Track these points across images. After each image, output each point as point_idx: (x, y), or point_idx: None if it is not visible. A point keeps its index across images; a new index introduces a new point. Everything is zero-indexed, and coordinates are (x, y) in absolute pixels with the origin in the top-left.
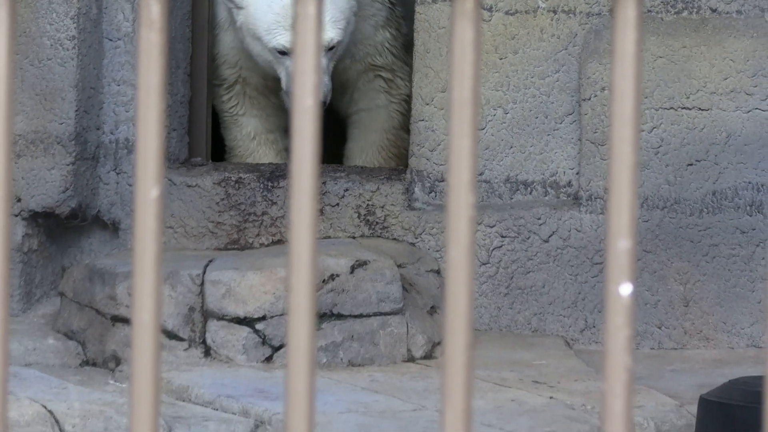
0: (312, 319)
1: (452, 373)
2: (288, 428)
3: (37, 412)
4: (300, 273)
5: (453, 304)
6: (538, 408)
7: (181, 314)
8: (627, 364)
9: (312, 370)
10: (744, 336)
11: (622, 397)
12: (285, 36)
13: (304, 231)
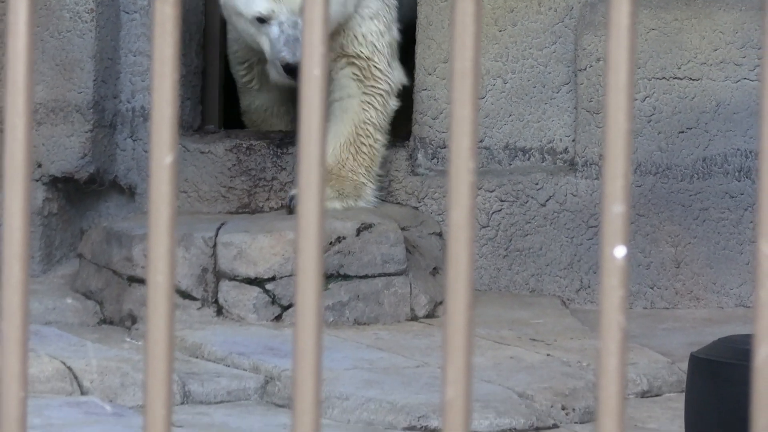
0: (319, 280)
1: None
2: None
3: (56, 369)
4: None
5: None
6: (535, 364)
7: (194, 275)
8: (621, 323)
9: (319, 329)
10: (733, 296)
11: (617, 354)
12: (262, 3)
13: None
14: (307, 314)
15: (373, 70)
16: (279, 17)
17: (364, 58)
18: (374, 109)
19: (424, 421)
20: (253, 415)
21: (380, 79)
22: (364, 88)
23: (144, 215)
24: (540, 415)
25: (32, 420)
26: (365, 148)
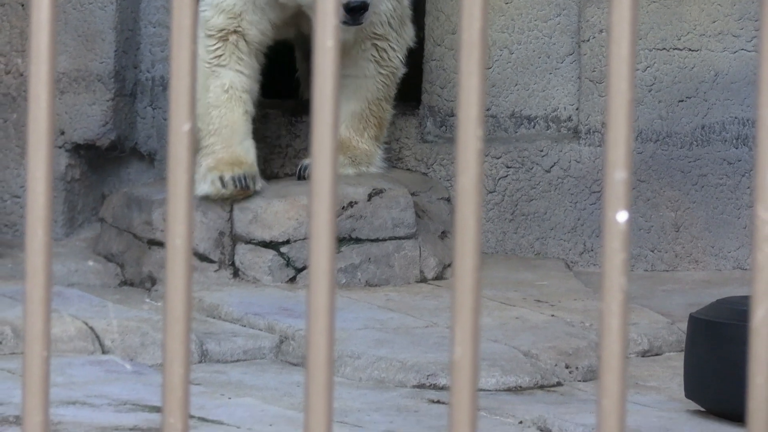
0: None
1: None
2: (310, 343)
3: (78, 329)
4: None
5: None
6: (540, 325)
7: (211, 238)
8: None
9: (332, 290)
10: (730, 259)
11: (618, 315)
12: None
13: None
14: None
15: (389, 51)
16: None
17: (383, 38)
18: (386, 86)
19: (433, 379)
20: (268, 373)
21: (393, 58)
22: (380, 68)
23: (163, 181)
24: (544, 374)
25: (55, 378)
26: (375, 120)
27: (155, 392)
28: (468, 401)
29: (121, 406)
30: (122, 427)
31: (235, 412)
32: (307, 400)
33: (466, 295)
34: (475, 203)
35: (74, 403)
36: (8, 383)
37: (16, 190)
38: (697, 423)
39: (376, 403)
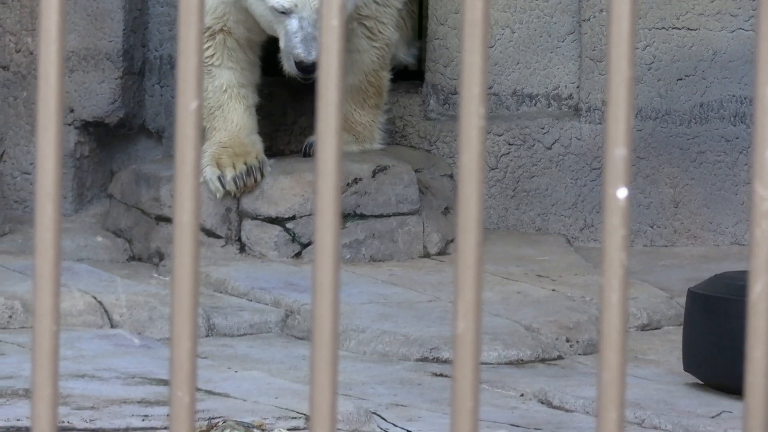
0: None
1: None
2: (315, 317)
3: (87, 303)
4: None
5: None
6: (541, 299)
7: (218, 214)
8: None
9: (337, 265)
10: (728, 234)
11: (618, 290)
12: None
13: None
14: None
15: (380, 26)
16: (301, 12)
17: (372, 17)
18: (381, 58)
19: (435, 353)
20: (274, 346)
21: (385, 31)
22: (373, 43)
23: (171, 158)
24: (545, 347)
25: (64, 352)
26: (373, 90)
27: (163, 366)
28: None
29: (130, 380)
30: (130, 399)
31: (241, 385)
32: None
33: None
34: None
35: (83, 376)
36: (18, 357)
37: (26, 167)
38: (696, 395)
39: (380, 376)
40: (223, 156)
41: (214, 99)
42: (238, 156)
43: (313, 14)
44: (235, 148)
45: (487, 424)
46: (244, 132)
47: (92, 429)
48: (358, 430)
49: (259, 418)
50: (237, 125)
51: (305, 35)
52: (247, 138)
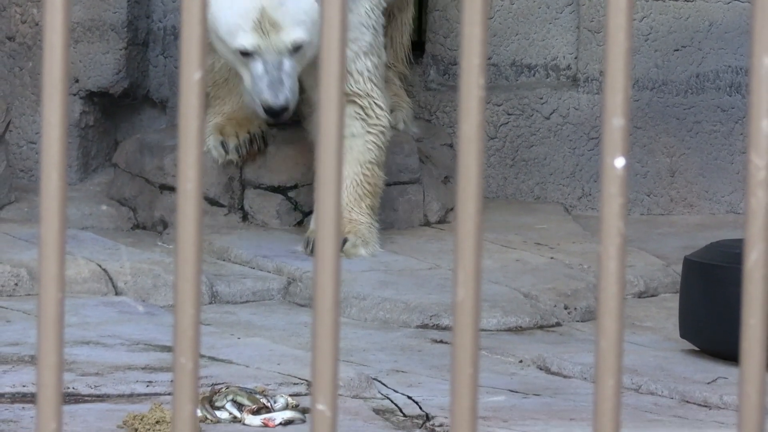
0: (338, 188)
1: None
2: (317, 285)
3: (92, 271)
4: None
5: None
6: (540, 267)
7: (221, 183)
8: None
9: (338, 233)
10: (724, 203)
11: (616, 257)
12: (247, 37)
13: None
14: (327, 220)
15: (374, 108)
16: (264, 55)
17: (365, 95)
18: (377, 148)
19: (435, 320)
20: (276, 313)
21: (381, 116)
22: (368, 127)
23: (174, 127)
24: (544, 314)
25: (69, 318)
26: (369, 188)
27: (167, 332)
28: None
29: (134, 346)
30: (134, 366)
31: (244, 351)
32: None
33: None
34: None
35: (88, 342)
36: (24, 324)
37: (32, 137)
38: (692, 362)
39: (381, 342)
40: (227, 126)
41: (220, 73)
42: (241, 125)
43: (277, 56)
44: (238, 118)
45: (486, 389)
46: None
47: (97, 395)
48: (359, 395)
49: (262, 384)
50: (241, 96)
51: (271, 80)
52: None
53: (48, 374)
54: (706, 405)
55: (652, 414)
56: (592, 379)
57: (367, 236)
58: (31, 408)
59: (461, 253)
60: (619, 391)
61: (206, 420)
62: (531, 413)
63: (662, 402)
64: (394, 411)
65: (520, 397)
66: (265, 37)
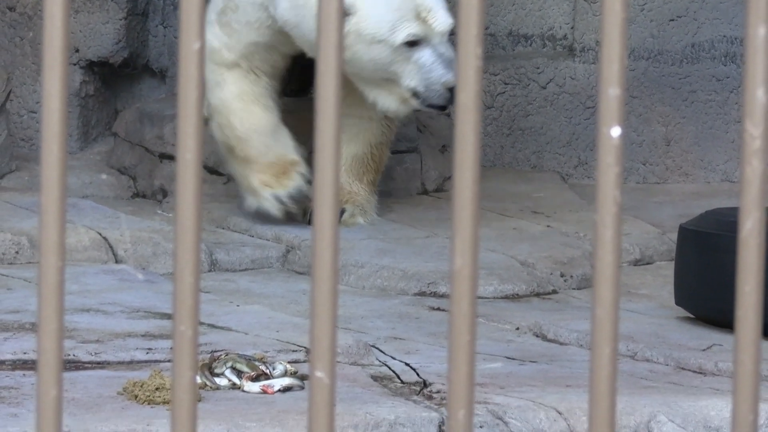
0: (337, 158)
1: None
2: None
3: (92, 239)
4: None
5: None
6: (536, 235)
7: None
8: (616, 198)
9: (336, 202)
10: (719, 172)
11: (612, 226)
12: (413, 26)
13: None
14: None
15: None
16: (432, 39)
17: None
18: (389, 130)
19: (433, 287)
20: (275, 281)
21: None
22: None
23: (174, 96)
24: (540, 282)
25: (70, 286)
26: (374, 165)
27: (166, 300)
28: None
29: (134, 314)
30: (134, 333)
31: (243, 318)
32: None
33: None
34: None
35: (88, 310)
36: (25, 291)
37: (33, 106)
38: (687, 329)
39: (379, 310)
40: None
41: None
42: (280, 174)
43: (443, 37)
44: (275, 164)
45: (483, 356)
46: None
47: (97, 362)
48: (357, 362)
49: (261, 351)
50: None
51: (445, 60)
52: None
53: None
54: (701, 372)
55: (648, 381)
56: (588, 346)
57: (365, 206)
58: (32, 375)
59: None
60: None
61: (205, 387)
62: (527, 380)
63: (657, 369)
64: (392, 378)
65: (516, 364)
66: (426, 24)
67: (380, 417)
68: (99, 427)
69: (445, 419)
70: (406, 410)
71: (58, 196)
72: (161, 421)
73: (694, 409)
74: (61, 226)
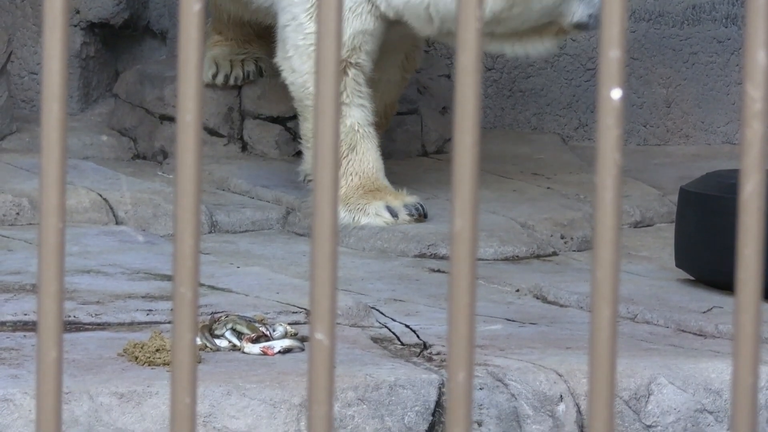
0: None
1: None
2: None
3: (93, 200)
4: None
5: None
6: (536, 197)
7: (221, 113)
8: (617, 160)
9: (336, 164)
10: (719, 134)
11: (612, 188)
12: None
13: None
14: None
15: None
16: None
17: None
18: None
19: (433, 249)
20: (275, 242)
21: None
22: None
23: (174, 58)
24: (540, 244)
25: (70, 248)
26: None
27: (167, 261)
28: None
29: (134, 275)
30: (135, 294)
31: (243, 280)
32: (312, 268)
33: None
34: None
35: (89, 271)
36: (25, 253)
37: (33, 67)
38: (687, 291)
39: (379, 271)
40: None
41: (346, 140)
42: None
43: None
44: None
45: (483, 318)
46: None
47: (98, 323)
48: (357, 324)
49: (261, 312)
50: (373, 167)
51: None
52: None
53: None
54: (701, 334)
55: (648, 343)
56: (588, 308)
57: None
58: (33, 336)
59: (458, 183)
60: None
61: (206, 348)
62: (527, 342)
63: (658, 331)
64: (392, 339)
65: (516, 326)
66: None
67: (380, 379)
68: (99, 388)
69: (445, 381)
70: (406, 372)
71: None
72: (161, 382)
73: (694, 372)
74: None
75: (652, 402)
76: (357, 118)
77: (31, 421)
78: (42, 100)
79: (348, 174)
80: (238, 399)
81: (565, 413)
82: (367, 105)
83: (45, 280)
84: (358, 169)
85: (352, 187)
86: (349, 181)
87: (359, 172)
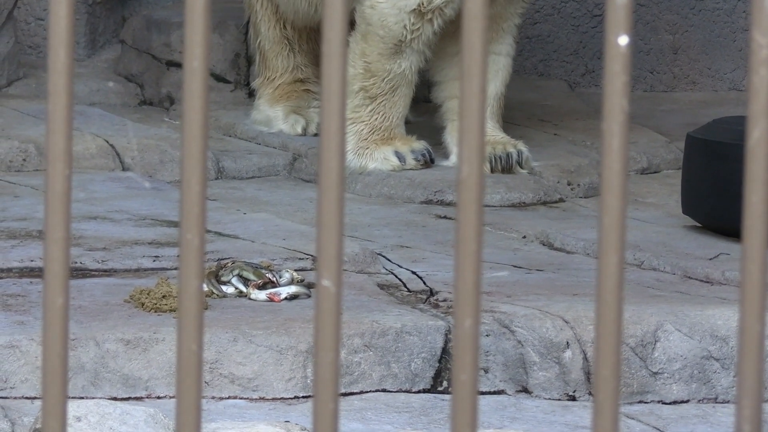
0: (344, 64)
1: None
2: (322, 160)
3: (99, 146)
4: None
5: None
6: (543, 143)
7: (228, 60)
8: (624, 107)
9: (343, 110)
10: (726, 80)
11: (619, 135)
12: None
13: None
14: (332, 98)
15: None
16: None
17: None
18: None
19: (440, 196)
20: (281, 189)
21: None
22: (514, 44)
23: (181, 3)
24: (547, 190)
25: (77, 194)
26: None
27: (173, 208)
28: (474, 217)
29: (141, 221)
30: (141, 241)
31: (250, 226)
32: (319, 215)
33: (473, 114)
34: (480, 27)
35: (95, 218)
36: (32, 199)
37: (40, 13)
38: (694, 238)
39: (386, 218)
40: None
41: (392, 82)
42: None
43: None
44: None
45: (490, 265)
46: (401, 121)
47: (104, 269)
48: (364, 270)
49: (267, 259)
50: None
51: None
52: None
53: (55, 249)
54: (708, 281)
55: (655, 290)
56: (594, 255)
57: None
58: (39, 282)
59: (465, 129)
60: (622, 266)
61: (212, 295)
62: (534, 288)
63: (665, 278)
64: (399, 286)
65: (523, 272)
66: None
67: (387, 325)
68: (105, 335)
69: (452, 327)
70: (413, 318)
71: (66, 104)
72: (168, 329)
73: (701, 319)
74: (68, 133)
75: (659, 349)
76: (414, 62)
77: (38, 368)
78: (49, 46)
79: (375, 113)
80: (244, 345)
81: (572, 360)
82: (428, 53)
83: (51, 227)
84: (388, 113)
85: (375, 126)
86: (373, 120)
87: (388, 115)
